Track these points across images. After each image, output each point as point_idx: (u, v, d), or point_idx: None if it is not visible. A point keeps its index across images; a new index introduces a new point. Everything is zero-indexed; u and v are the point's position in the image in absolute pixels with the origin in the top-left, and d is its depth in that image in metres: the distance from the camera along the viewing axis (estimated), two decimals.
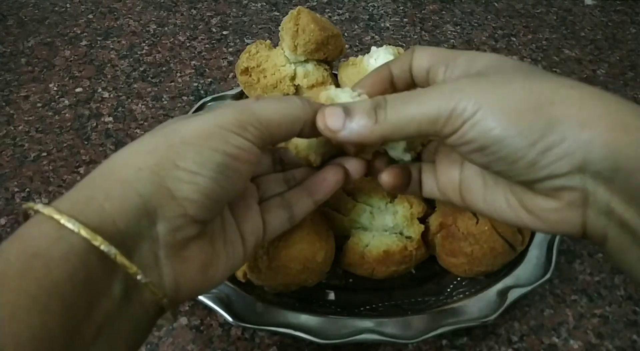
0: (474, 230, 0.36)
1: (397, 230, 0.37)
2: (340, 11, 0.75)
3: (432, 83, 0.28)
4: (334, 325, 0.35)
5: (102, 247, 0.19)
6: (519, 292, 0.37)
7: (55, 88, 0.61)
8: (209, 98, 0.52)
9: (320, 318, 0.36)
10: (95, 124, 0.57)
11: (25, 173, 0.51)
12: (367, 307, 0.38)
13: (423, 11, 0.76)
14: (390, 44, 0.43)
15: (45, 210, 0.19)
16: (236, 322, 0.35)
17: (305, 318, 0.36)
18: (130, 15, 0.73)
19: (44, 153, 0.53)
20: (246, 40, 0.69)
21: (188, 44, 0.68)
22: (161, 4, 0.75)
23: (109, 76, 0.63)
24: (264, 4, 0.76)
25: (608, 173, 0.20)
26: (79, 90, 0.61)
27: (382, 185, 0.30)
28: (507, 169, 0.23)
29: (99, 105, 0.59)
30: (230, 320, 0.35)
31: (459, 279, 0.40)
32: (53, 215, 0.19)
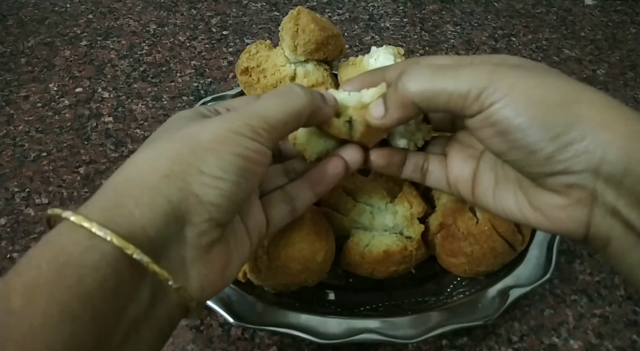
0: (474, 230, 0.36)
1: (397, 230, 0.37)
2: (340, 11, 0.75)
3: None
4: (334, 325, 0.35)
5: (135, 256, 0.19)
6: (519, 292, 0.37)
7: (55, 88, 0.61)
8: (209, 98, 0.52)
9: (320, 318, 0.36)
10: (95, 124, 0.57)
11: (25, 173, 0.51)
12: (367, 307, 0.38)
13: (423, 11, 0.76)
14: (390, 44, 0.42)
15: (74, 218, 0.19)
16: (236, 322, 0.35)
17: (305, 318, 0.36)
18: (130, 15, 0.73)
19: (44, 153, 0.53)
20: (246, 40, 0.69)
21: (188, 44, 0.68)
22: (161, 4, 0.75)
23: (109, 76, 0.63)
24: (264, 4, 0.76)
25: (619, 175, 0.21)
26: (79, 90, 0.61)
27: (372, 165, 0.31)
28: (523, 158, 0.24)
29: (99, 105, 0.59)
30: (231, 320, 0.35)
31: (459, 279, 0.40)
32: (83, 223, 0.19)
